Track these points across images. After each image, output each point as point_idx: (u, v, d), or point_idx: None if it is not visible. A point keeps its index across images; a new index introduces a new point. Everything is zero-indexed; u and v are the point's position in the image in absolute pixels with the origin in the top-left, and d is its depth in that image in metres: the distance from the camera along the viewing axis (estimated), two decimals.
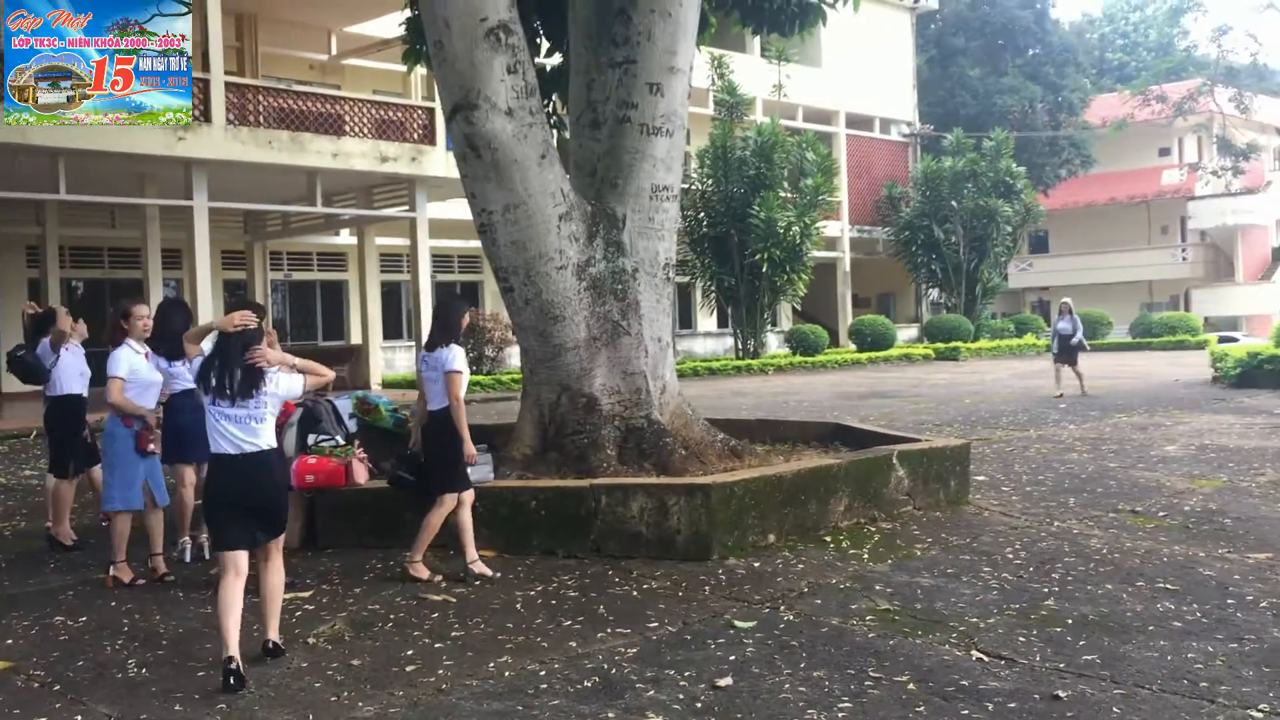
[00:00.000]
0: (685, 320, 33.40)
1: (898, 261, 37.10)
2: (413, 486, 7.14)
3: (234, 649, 5.00)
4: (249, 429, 5.22)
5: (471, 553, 6.94)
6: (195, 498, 7.60)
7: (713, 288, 29.53)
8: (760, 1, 11.35)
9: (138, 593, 6.76)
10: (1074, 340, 19.07)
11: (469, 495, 7.00)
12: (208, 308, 18.13)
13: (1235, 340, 31.59)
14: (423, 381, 7.19)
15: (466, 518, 6.97)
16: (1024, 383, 22.62)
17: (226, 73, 19.03)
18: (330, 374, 5.74)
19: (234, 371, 5.20)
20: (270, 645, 5.37)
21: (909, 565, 6.99)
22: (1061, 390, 18.79)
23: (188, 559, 7.58)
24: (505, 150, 8.38)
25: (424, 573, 6.88)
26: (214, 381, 5.23)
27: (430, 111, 20.73)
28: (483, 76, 8.24)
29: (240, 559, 5.24)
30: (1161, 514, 8.58)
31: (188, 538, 7.69)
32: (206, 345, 5.46)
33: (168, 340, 7.30)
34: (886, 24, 36.94)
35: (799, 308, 33.31)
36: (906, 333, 36.90)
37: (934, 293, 38.37)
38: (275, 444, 5.39)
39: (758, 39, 30.97)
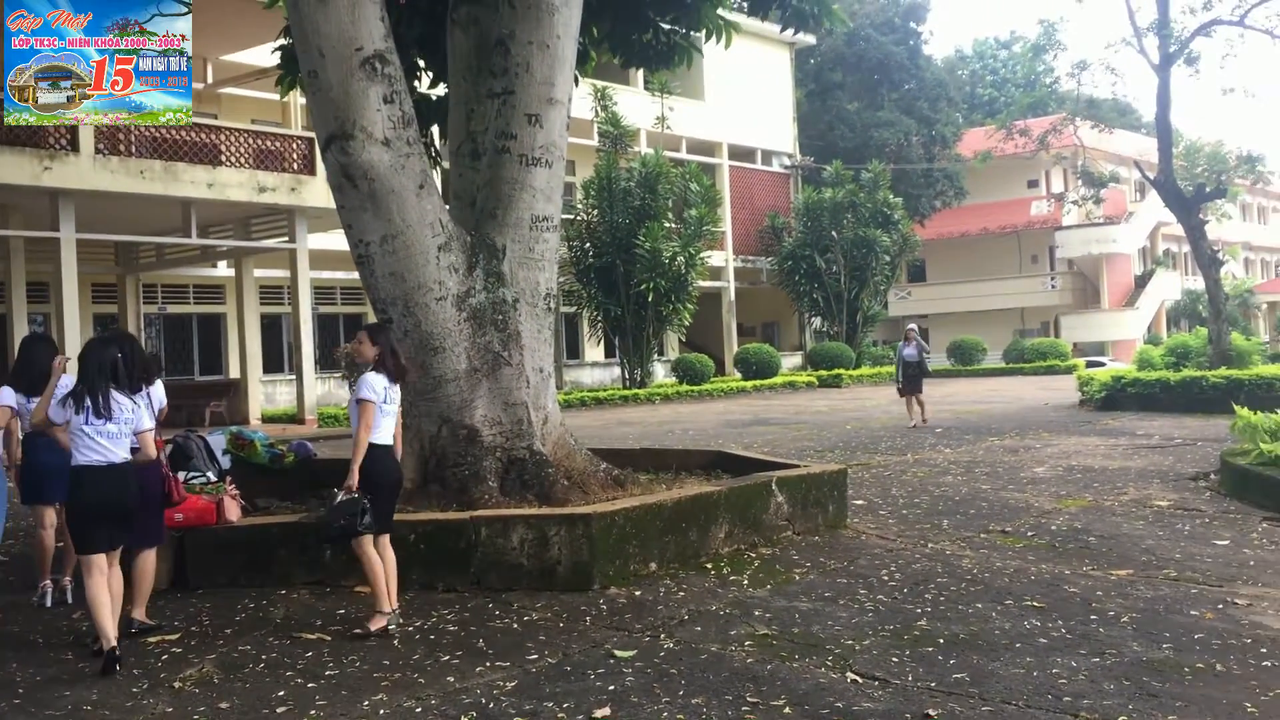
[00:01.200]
0: (573, 350, 33.43)
1: (781, 290, 37.77)
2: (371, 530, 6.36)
3: (113, 639, 5.70)
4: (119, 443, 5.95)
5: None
6: (55, 540, 7.32)
7: (599, 318, 29.64)
8: (630, 38, 11.50)
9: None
10: (920, 368, 18.69)
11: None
12: (76, 343, 17.51)
13: (1102, 365, 32.88)
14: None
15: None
16: (903, 408, 23.14)
17: None
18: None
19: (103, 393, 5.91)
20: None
21: (788, 590, 7.08)
22: (915, 421, 18.35)
23: (48, 604, 7.26)
24: (382, 180, 8.30)
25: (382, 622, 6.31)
26: (87, 402, 5.88)
27: (310, 141, 20.44)
28: (358, 106, 8.17)
29: (103, 560, 5.93)
30: (1030, 534, 8.85)
31: (49, 581, 7.37)
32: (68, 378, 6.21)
33: (30, 376, 7.05)
34: (766, 59, 37.71)
35: (685, 337, 33.63)
36: (791, 360, 37.49)
37: (817, 321, 39.12)
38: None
39: (641, 72, 31.35)
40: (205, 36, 22.17)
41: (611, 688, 5.21)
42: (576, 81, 10.22)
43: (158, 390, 7.04)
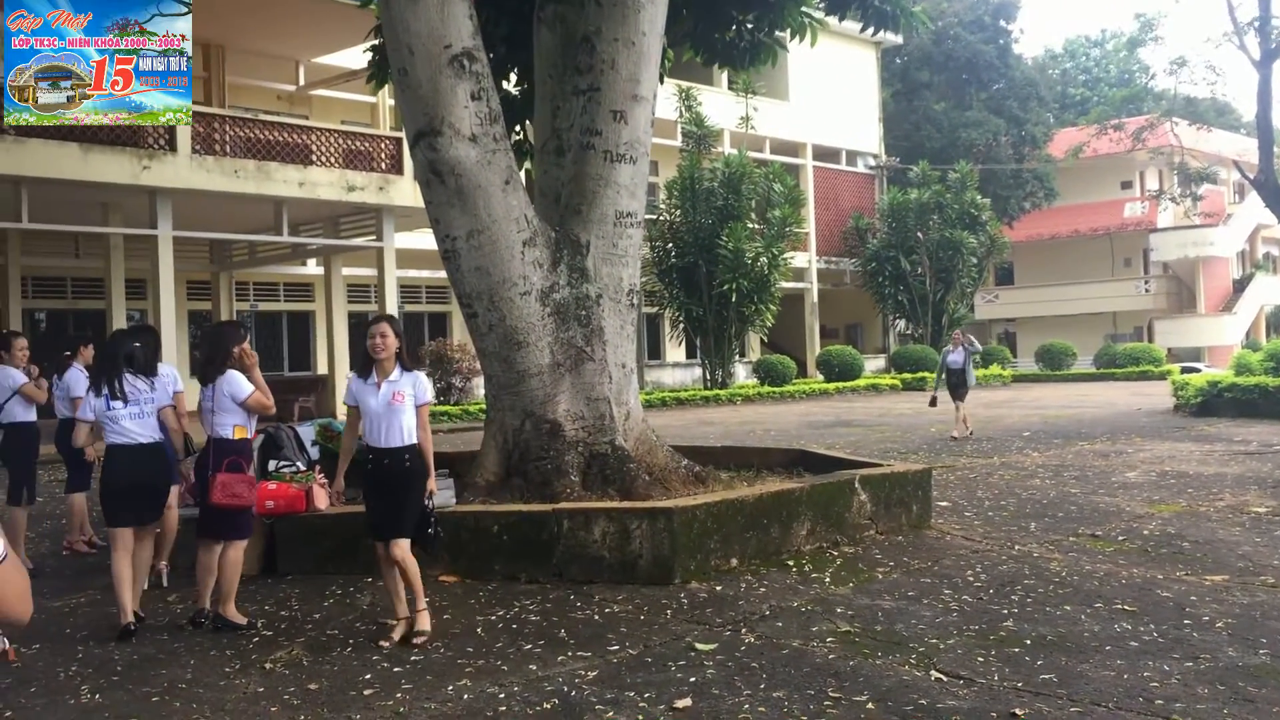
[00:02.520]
0: (654, 351, 33.48)
1: (865, 292, 37.41)
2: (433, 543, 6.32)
3: (129, 614, 6.27)
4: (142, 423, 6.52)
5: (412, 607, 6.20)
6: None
7: (681, 318, 29.63)
8: (713, 36, 11.49)
9: (91, 620, 6.67)
10: (963, 376, 17.12)
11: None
12: (171, 338, 18.01)
13: (1198, 370, 31.98)
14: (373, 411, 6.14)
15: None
16: (989, 412, 22.78)
17: (194, 102, 18.98)
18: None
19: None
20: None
21: (870, 588, 7.01)
22: (961, 431, 16.83)
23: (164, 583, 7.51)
24: (469, 176, 8.40)
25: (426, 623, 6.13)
26: (105, 388, 6.49)
27: (398, 141, 20.75)
28: (446, 103, 8.28)
29: (129, 536, 6.47)
30: (1121, 538, 8.65)
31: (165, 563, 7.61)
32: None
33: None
34: (852, 59, 37.39)
35: (767, 338, 33.47)
36: (874, 363, 37.11)
37: (901, 323, 38.67)
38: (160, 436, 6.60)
39: (725, 73, 31.28)
40: (296, 39, 22.73)
41: (692, 679, 5.21)
42: (661, 79, 10.25)
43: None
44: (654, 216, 28.23)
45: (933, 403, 18.19)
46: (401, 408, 6.01)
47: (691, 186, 28.73)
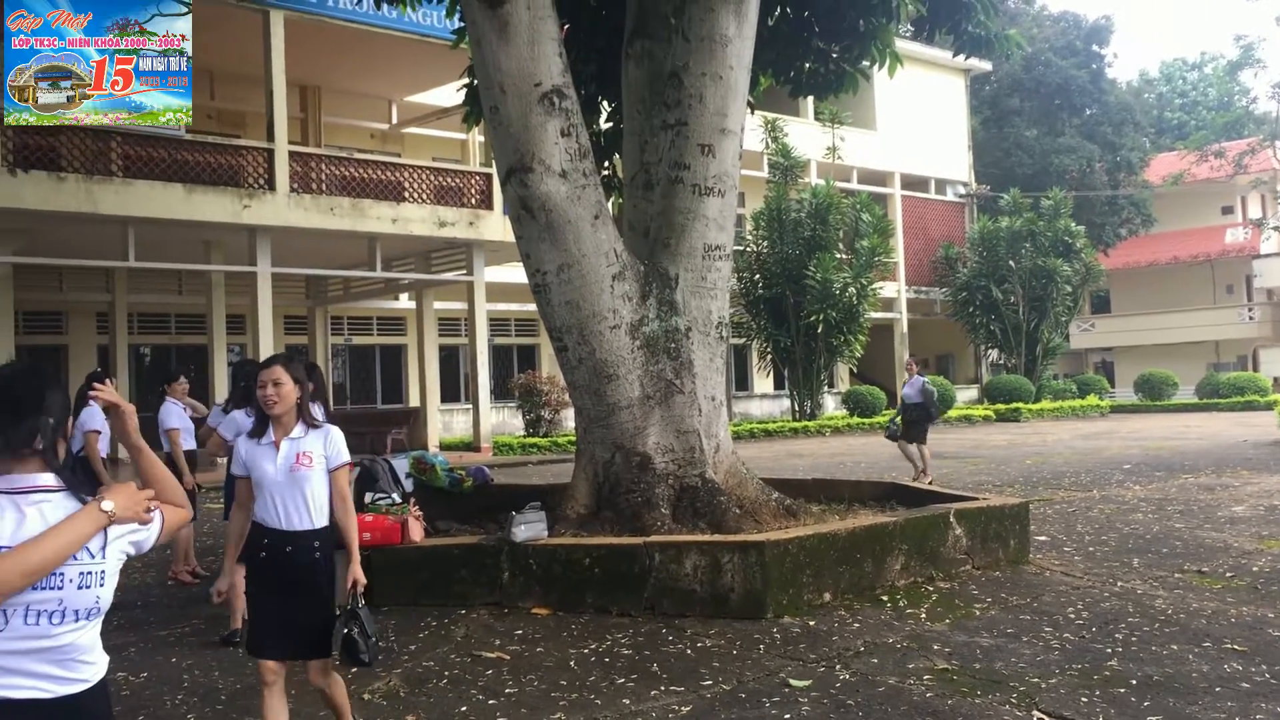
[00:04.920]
0: (742, 382, 33.37)
1: (956, 322, 36.87)
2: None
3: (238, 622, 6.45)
4: None
5: None
6: None
7: (769, 349, 29.51)
8: (796, 67, 11.50)
9: (196, 649, 6.84)
10: (924, 410, 15.23)
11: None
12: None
13: None
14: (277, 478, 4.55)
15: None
16: (1087, 443, 22.26)
17: (291, 142, 19.54)
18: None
19: None
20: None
21: (968, 625, 6.88)
22: (916, 474, 14.83)
23: None
24: (559, 211, 8.50)
25: None
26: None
27: (488, 177, 21.09)
28: (537, 140, 8.40)
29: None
30: (1229, 574, 8.36)
31: None
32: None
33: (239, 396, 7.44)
34: (940, 86, 37.08)
35: (856, 369, 33.18)
36: (966, 394, 36.52)
37: (993, 353, 38.01)
38: None
39: (811, 103, 31.24)
40: (389, 79, 23.28)
41: (787, 716, 5.15)
42: (750, 111, 10.27)
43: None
44: (741, 248, 28.22)
45: (889, 436, 15.81)
46: (307, 474, 4.46)
47: (778, 218, 28.68)
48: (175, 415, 9.01)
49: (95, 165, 16.57)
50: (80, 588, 2.32)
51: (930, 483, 14.08)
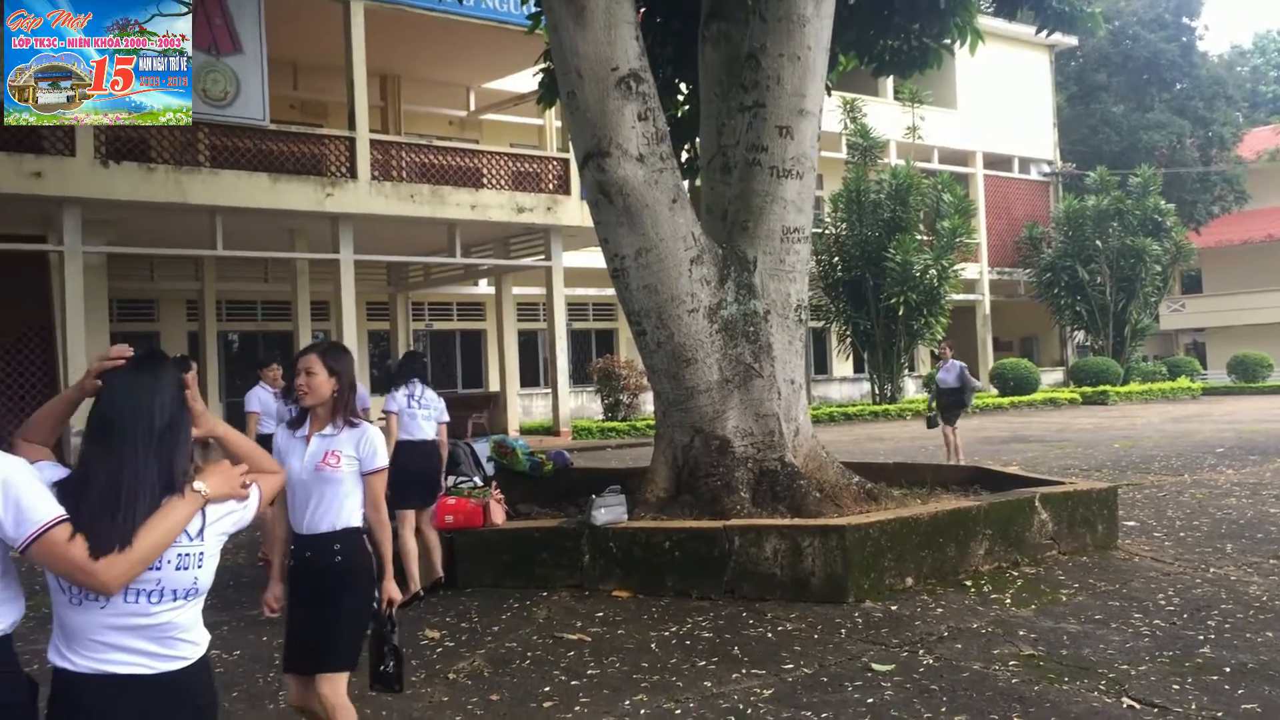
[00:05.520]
0: (821, 365, 33.13)
1: (1040, 303, 36.14)
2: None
3: (418, 584, 7.42)
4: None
5: None
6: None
7: (848, 332, 29.24)
8: (877, 45, 11.35)
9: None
10: (959, 396, 15.00)
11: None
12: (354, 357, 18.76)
13: None
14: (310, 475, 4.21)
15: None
16: (1178, 427, 21.73)
17: (371, 131, 19.79)
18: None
19: None
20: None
21: (1054, 610, 6.76)
22: (953, 460, 14.47)
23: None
24: (637, 196, 8.50)
25: None
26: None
27: (565, 162, 21.16)
28: (614, 124, 8.40)
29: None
30: None
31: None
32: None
33: None
34: (1024, 63, 36.31)
35: (937, 352, 32.70)
36: (1051, 376, 35.83)
37: (1079, 335, 37.22)
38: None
39: (890, 83, 30.82)
40: (467, 66, 23.44)
41: (870, 700, 5.12)
42: (828, 92, 10.17)
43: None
44: (820, 230, 27.98)
45: (930, 424, 15.74)
46: (335, 475, 4.13)
47: (857, 199, 28.37)
48: (256, 399, 9.18)
49: (184, 156, 16.95)
50: (178, 569, 2.38)
51: (960, 460, 14.15)
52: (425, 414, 7.75)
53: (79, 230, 16.13)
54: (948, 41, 11.52)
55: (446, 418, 8.00)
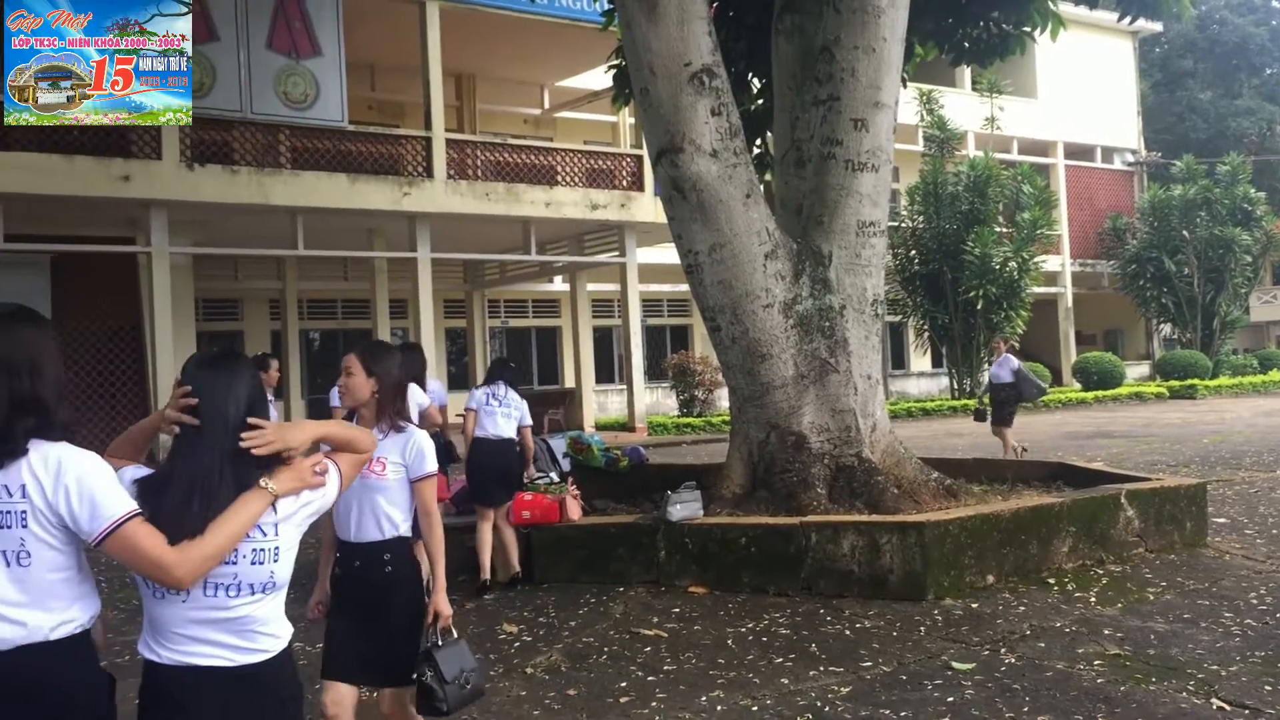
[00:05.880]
0: (898, 360, 32.78)
1: (1125, 296, 35.33)
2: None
3: (488, 573, 7.57)
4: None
5: None
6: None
7: (926, 326, 28.88)
8: (956, 34, 11.18)
9: None
10: (1016, 392, 14.52)
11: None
12: (430, 355, 19.00)
13: None
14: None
15: None
16: (1270, 420, 21.11)
17: (447, 130, 20.01)
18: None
19: None
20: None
21: (1141, 609, 6.61)
22: (1016, 449, 14.25)
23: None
24: (710, 191, 8.48)
25: None
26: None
27: (638, 159, 21.18)
28: (687, 120, 8.39)
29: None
30: None
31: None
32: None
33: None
34: (1106, 50, 35.51)
35: (1018, 346, 32.15)
36: (1136, 370, 35.03)
37: (1166, 328, 36.32)
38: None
39: (968, 73, 30.35)
40: (541, 65, 23.59)
41: (950, 699, 5.06)
42: (904, 83, 10.05)
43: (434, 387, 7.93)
44: (896, 223, 27.67)
45: (977, 417, 15.30)
46: (381, 483, 3.95)
47: (935, 191, 27.99)
48: (339, 395, 9.33)
49: (266, 158, 17.29)
50: (254, 563, 2.43)
51: (1021, 452, 13.76)
52: (505, 412, 7.89)
53: (166, 231, 16.54)
54: (1028, 29, 11.32)
55: (529, 421, 8.14)
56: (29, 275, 16.22)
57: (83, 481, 2.29)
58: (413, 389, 7.52)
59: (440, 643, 3.87)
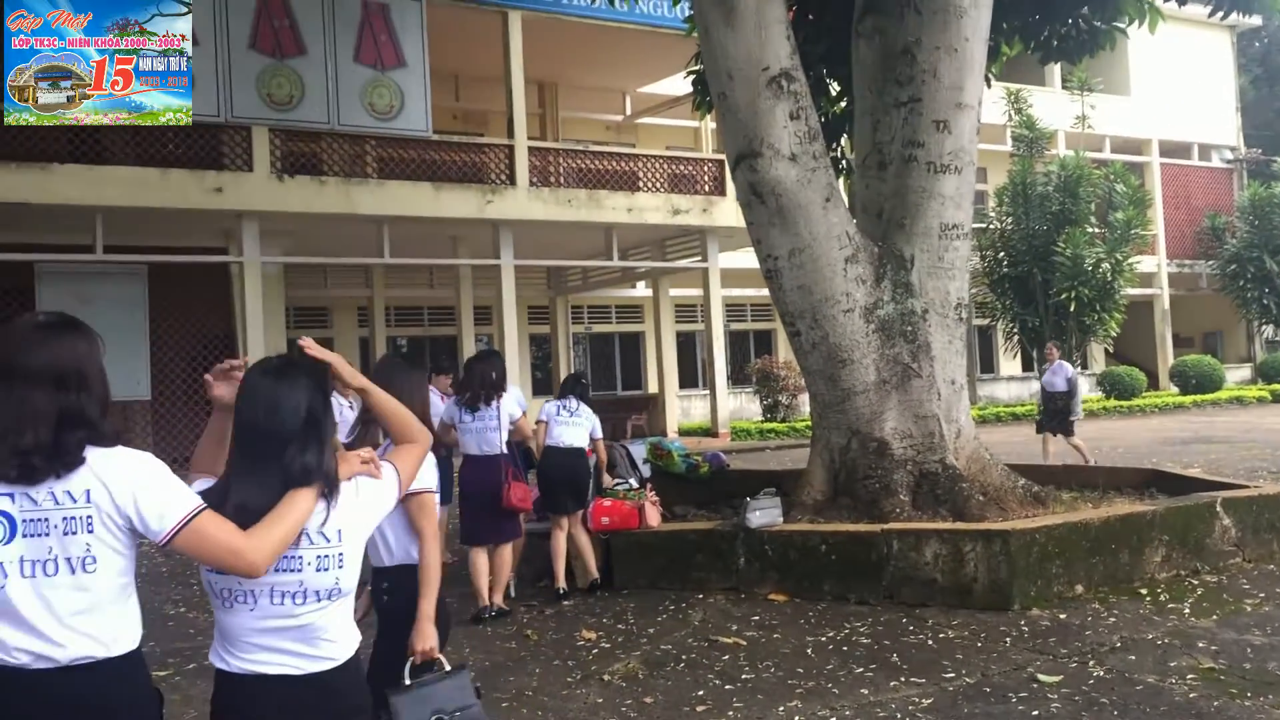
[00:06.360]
0: (987, 364, 32.20)
1: (1224, 297, 34.27)
2: None
3: (562, 581, 7.76)
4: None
5: None
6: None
7: (1015, 330, 28.31)
8: (1044, 31, 10.95)
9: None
10: (1068, 401, 14.23)
11: None
12: (514, 361, 19.19)
13: None
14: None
15: None
16: None
17: (530, 138, 20.17)
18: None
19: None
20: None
21: (1237, 621, 6.39)
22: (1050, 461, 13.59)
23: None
24: (789, 196, 8.42)
25: None
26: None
27: (719, 163, 21.11)
28: (765, 124, 8.34)
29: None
30: None
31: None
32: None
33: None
34: (1202, 45, 34.50)
35: (1111, 349, 31.42)
36: (1237, 374, 33.95)
37: (1268, 330, 35.12)
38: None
39: (1058, 71, 29.72)
40: (623, 71, 23.67)
41: (1035, 713, 4.94)
42: (988, 84, 9.88)
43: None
44: (983, 225, 27.20)
45: (1040, 428, 14.82)
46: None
47: (1023, 192, 27.45)
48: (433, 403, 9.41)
49: (353, 168, 17.60)
50: (318, 570, 2.45)
51: (1087, 461, 13.22)
52: (575, 422, 8.01)
53: (257, 241, 16.93)
54: (1119, 24, 11.04)
55: (600, 433, 8.28)
56: (127, 285, 16.71)
57: (150, 482, 2.30)
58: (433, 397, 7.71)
59: (408, 682, 3.38)
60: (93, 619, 2.26)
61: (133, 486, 2.28)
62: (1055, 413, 14.37)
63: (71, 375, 2.30)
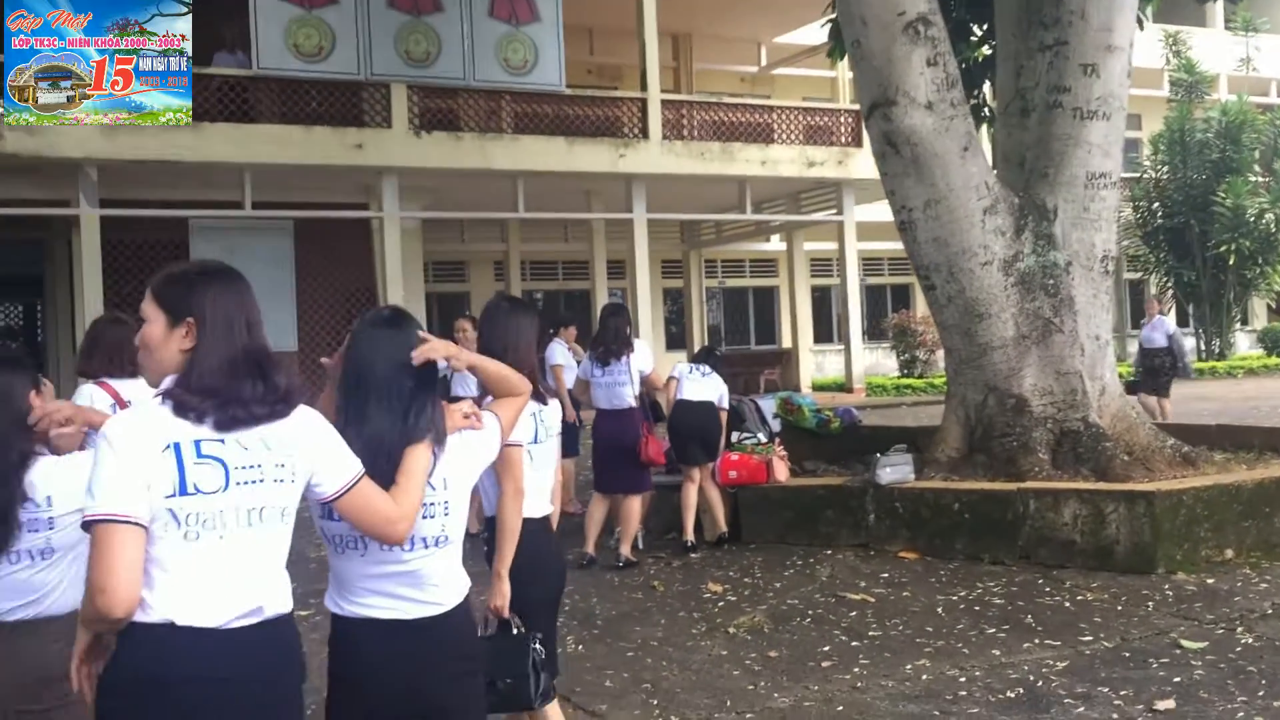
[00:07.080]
0: (1138, 320, 30.96)
1: None
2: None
3: (690, 534, 7.74)
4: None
5: None
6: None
7: (1169, 284, 27.13)
8: None
9: (573, 577, 7.26)
10: (1167, 360, 13.29)
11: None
12: (647, 315, 19.23)
13: None
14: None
15: None
16: None
17: (663, 91, 20.05)
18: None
19: None
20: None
21: None
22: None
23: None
24: (925, 145, 8.18)
25: None
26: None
27: (856, 114, 20.61)
28: (900, 71, 8.10)
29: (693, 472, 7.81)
30: None
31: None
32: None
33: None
34: None
35: (1275, 304, 29.87)
36: None
37: None
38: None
39: (1220, 9, 28.13)
40: (757, 20, 23.31)
41: (1177, 679, 4.76)
42: (1140, 25, 9.40)
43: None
44: (1136, 174, 26.05)
45: (1130, 388, 13.53)
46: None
47: (1181, 140, 26.15)
48: (559, 353, 9.51)
49: (488, 124, 17.80)
50: (425, 517, 2.49)
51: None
52: (705, 381, 8.01)
53: (397, 197, 17.29)
54: None
55: (727, 404, 8.11)
56: (275, 240, 17.27)
57: (331, 438, 2.30)
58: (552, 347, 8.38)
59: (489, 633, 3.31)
60: (284, 574, 2.26)
61: (320, 442, 2.28)
62: (1153, 370, 13.53)
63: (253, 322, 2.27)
